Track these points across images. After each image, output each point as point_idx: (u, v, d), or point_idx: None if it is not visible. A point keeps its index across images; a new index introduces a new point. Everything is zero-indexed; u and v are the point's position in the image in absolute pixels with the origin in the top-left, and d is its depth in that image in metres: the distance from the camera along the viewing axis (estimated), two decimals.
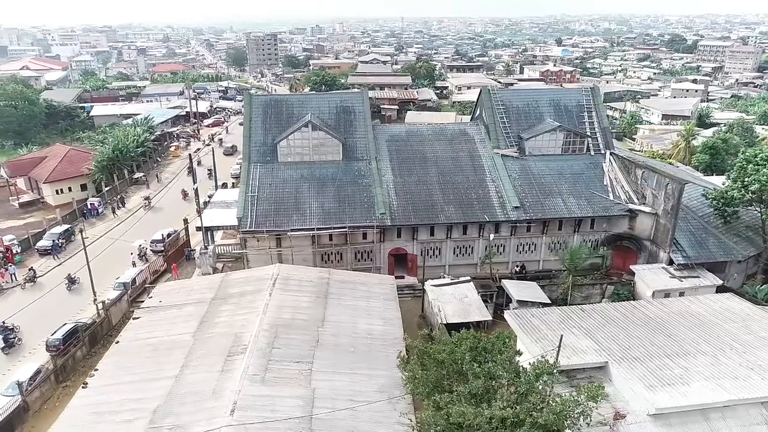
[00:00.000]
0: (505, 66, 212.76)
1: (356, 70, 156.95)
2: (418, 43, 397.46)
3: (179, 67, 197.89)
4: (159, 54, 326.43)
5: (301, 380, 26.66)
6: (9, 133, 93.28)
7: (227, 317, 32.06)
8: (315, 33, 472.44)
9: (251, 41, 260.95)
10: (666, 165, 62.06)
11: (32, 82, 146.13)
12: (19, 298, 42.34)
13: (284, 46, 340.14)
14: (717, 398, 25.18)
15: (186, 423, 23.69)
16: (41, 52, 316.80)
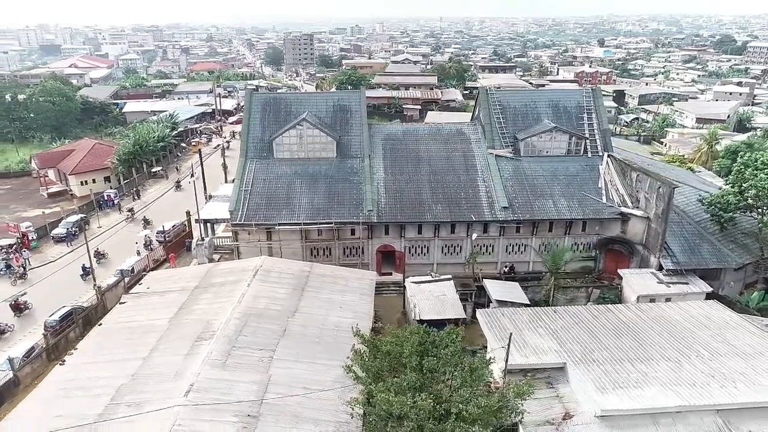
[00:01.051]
0: (539, 67, 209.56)
1: (385, 70, 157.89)
2: (457, 43, 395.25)
3: (216, 66, 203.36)
4: (201, 53, 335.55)
5: (260, 367, 27.71)
6: (47, 127, 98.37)
7: (205, 305, 33.49)
8: (354, 33, 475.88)
9: (288, 41, 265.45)
10: (677, 169, 60.55)
11: (76, 80, 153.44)
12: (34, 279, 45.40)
13: (322, 46, 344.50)
14: (668, 403, 24.96)
15: (143, 401, 25.09)
16: (92, 51, 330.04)
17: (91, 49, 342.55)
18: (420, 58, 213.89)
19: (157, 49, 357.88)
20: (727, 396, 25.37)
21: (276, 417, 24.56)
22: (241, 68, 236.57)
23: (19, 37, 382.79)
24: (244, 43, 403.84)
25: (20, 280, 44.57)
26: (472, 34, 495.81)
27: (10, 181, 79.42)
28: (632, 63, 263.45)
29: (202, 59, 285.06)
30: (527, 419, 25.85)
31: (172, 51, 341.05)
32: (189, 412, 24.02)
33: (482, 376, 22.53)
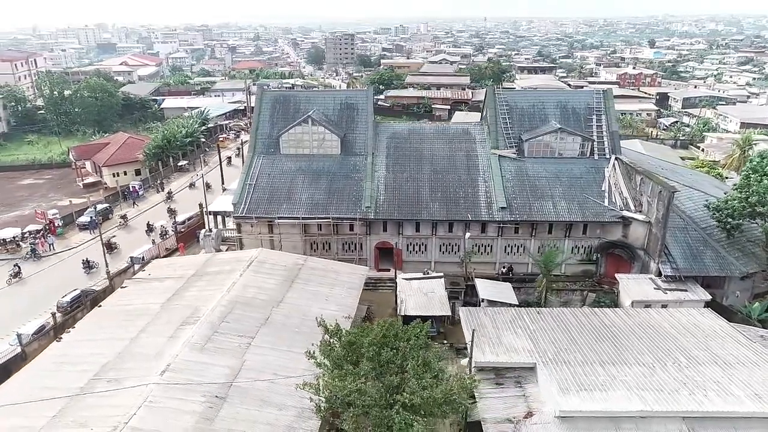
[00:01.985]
0: (579, 68, 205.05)
1: (420, 70, 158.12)
2: (502, 43, 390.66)
3: (257, 65, 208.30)
4: (247, 52, 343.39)
5: (237, 352, 28.94)
6: (89, 121, 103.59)
7: (197, 292, 35.07)
8: (398, 33, 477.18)
9: (329, 41, 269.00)
10: (699, 174, 58.67)
11: (123, 77, 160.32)
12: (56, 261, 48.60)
13: (365, 46, 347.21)
14: (629, 408, 24.71)
15: (123, 377, 26.72)
16: (144, 49, 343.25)
17: (143, 47, 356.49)
18: (458, 59, 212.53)
19: (205, 48, 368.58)
20: (695, 404, 24.88)
21: (242, 399, 25.71)
22: (284, 67, 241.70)
23: (79, 35, 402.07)
24: (289, 43, 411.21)
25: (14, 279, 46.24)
26: (518, 35, 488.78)
27: (52, 171, 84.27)
28: (683, 65, 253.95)
29: (247, 58, 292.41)
30: (489, 416, 26.22)
31: (220, 50, 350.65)
32: (161, 390, 25.47)
33: (433, 369, 22.90)
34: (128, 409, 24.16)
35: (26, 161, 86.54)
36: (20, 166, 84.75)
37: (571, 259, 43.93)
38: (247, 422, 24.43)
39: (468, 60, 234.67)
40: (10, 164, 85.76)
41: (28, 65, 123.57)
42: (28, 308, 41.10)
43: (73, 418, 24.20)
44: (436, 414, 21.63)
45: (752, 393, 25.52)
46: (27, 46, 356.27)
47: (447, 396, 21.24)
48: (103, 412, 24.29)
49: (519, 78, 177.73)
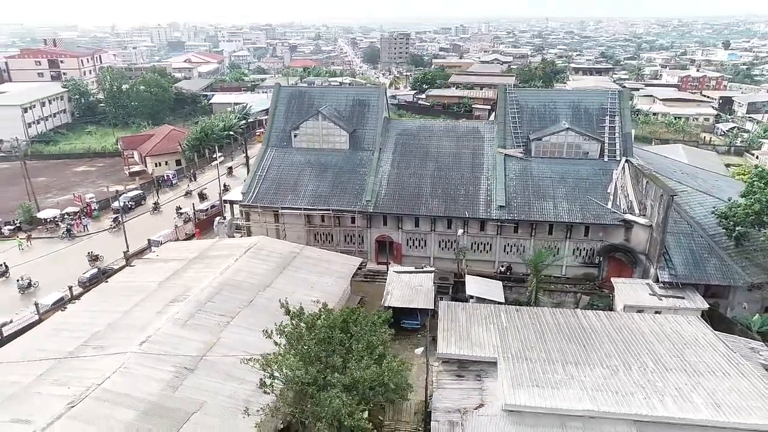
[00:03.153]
0: (637, 70, 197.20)
1: (468, 70, 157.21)
2: (565, 44, 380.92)
3: (311, 63, 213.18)
4: (307, 51, 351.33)
5: (215, 329, 30.82)
6: (144, 114, 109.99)
7: (194, 273, 37.33)
8: (458, 33, 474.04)
9: (384, 40, 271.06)
10: (729, 180, 55.92)
11: (184, 73, 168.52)
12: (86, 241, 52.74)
13: (422, 46, 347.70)
14: (577, 407, 24.61)
15: (108, 345, 29.18)
16: (210, 48, 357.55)
17: (210, 45, 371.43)
18: (511, 59, 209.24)
19: (267, 47, 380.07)
20: (647, 408, 24.47)
21: (208, 372, 27.52)
22: (339, 66, 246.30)
23: (152, 34, 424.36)
24: (348, 42, 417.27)
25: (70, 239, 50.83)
26: (583, 35, 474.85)
27: (104, 160, 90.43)
28: (759, 68, 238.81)
29: (307, 56, 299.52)
30: (440, 405, 26.75)
31: (281, 48, 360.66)
32: (137, 359, 27.70)
33: (374, 353, 23.75)
34: (104, 373, 26.50)
35: (82, 150, 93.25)
36: (77, 154, 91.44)
37: (570, 260, 43.34)
38: (209, 393, 26.16)
39: (524, 60, 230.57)
40: (68, 152, 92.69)
41: (93, 61, 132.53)
42: (56, 281, 44.91)
43: (56, 377, 26.74)
44: (369, 397, 22.47)
45: (713, 402, 24.79)
46: (105, 43, 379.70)
47: (378, 377, 22.04)
48: (82, 374, 26.71)
49: (572, 79, 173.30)
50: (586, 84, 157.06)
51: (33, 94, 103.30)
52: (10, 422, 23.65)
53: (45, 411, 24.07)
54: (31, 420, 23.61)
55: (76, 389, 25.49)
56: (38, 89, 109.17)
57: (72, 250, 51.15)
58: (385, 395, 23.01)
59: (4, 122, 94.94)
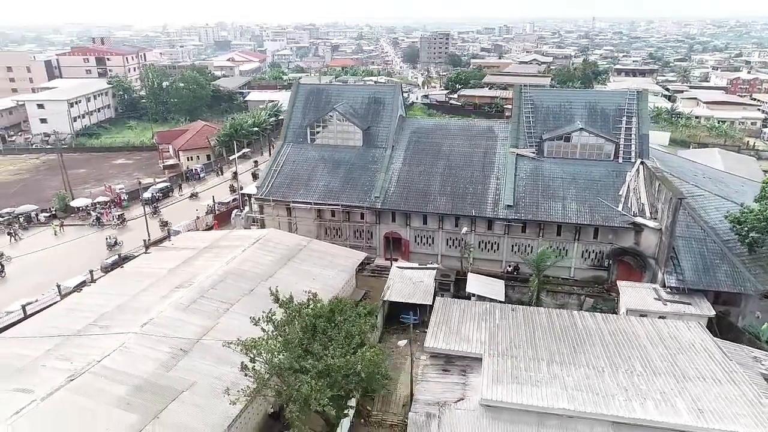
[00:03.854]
0: (683, 71, 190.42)
1: (504, 71, 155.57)
2: (612, 44, 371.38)
3: (350, 62, 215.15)
4: (348, 50, 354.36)
5: (214, 315, 32.11)
6: (182, 110, 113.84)
7: (203, 261, 38.85)
8: (502, 33, 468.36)
9: (424, 40, 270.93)
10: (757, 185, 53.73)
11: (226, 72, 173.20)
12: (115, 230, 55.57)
13: (464, 46, 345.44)
14: (553, 405, 24.63)
15: (112, 325, 30.86)
16: (255, 47, 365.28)
17: (254, 45, 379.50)
18: (550, 59, 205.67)
19: (310, 46, 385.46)
20: (625, 410, 24.27)
21: (202, 355, 28.75)
22: (379, 65, 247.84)
23: (200, 33, 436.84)
24: (390, 42, 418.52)
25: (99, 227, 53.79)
26: (633, 36, 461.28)
27: (142, 153, 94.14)
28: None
29: (348, 56, 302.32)
30: (422, 397, 27.20)
31: (323, 48, 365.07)
32: (137, 339, 29.24)
33: (353, 342, 24.41)
34: (105, 351, 28.13)
35: (122, 143, 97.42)
36: (116, 148, 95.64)
37: (579, 263, 42.85)
38: (200, 374, 27.39)
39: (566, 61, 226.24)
40: (109, 145, 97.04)
41: (137, 59, 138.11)
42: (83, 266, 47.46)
43: (62, 353, 28.51)
44: (342, 384, 23.13)
45: (696, 407, 24.36)
46: (156, 42, 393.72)
47: (350, 366, 22.67)
48: (86, 351, 28.39)
49: (613, 81, 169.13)
50: (626, 85, 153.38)
51: (79, 89, 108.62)
52: (14, 391, 25.43)
53: (47, 382, 25.78)
54: (33, 390, 25.34)
55: (77, 364, 27.15)
56: (85, 85, 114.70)
57: (100, 237, 53.81)
58: (358, 384, 23.59)
59: (53, 116, 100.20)
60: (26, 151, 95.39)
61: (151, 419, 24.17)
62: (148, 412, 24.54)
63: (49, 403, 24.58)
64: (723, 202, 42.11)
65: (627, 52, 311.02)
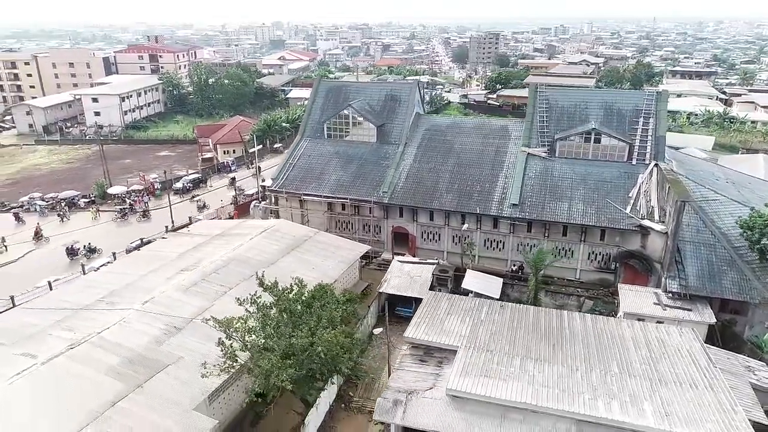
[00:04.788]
0: (743, 74, 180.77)
1: (549, 71, 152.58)
2: (676, 45, 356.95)
3: (396, 62, 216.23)
4: (399, 50, 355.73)
5: (211, 297, 33.84)
6: (226, 106, 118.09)
7: (212, 248, 40.82)
8: (558, 33, 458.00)
9: (473, 40, 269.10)
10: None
11: (275, 70, 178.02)
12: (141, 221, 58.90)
13: (516, 46, 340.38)
14: (516, 398, 24.91)
15: (117, 302, 33.11)
16: (308, 46, 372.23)
17: (308, 44, 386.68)
18: (602, 60, 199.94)
19: (362, 46, 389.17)
20: (587, 408, 24.25)
21: (193, 333, 30.46)
22: (427, 65, 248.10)
23: (256, 33, 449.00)
24: (441, 42, 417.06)
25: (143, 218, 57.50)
26: (698, 37, 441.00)
27: (184, 146, 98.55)
28: None
29: (398, 56, 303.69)
30: (393, 384, 28.02)
31: (374, 47, 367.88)
32: (137, 315, 31.32)
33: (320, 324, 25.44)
34: (106, 325, 30.30)
35: (166, 136, 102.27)
36: (161, 140, 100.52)
37: (585, 264, 42.29)
38: (188, 350, 29.08)
39: (622, 62, 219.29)
40: (155, 138, 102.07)
41: (188, 56, 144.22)
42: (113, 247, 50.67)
43: (68, 324, 30.89)
44: (305, 363, 24.17)
45: (663, 411, 24.04)
46: (214, 41, 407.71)
47: (310, 346, 23.70)
48: (89, 324, 30.66)
49: (665, 83, 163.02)
50: (680, 88, 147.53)
51: (131, 85, 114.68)
52: (20, 355, 27.87)
53: (50, 349, 28.10)
54: (36, 355, 27.69)
55: (79, 335, 29.42)
56: (137, 81, 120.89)
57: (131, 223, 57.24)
58: (319, 364, 24.56)
59: (105, 109, 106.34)
60: (80, 141, 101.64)
61: (135, 388, 25.99)
62: (134, 382, 26.38)
63: (47, 367, 26.82)
64: (739, 207, 40.48)
65: (689, 54, 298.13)
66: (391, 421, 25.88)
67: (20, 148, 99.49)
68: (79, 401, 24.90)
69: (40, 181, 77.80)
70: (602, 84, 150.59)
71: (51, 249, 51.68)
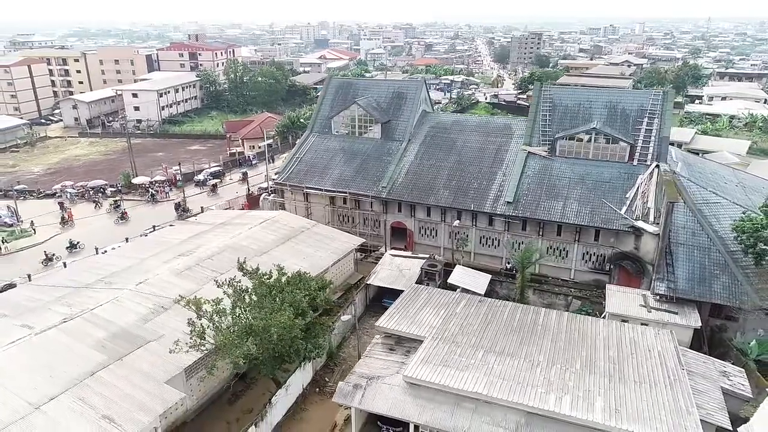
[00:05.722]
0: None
1: (587, 72, 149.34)
2: (734, 46, 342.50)
3: (434, 61, 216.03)
4: (441, 50, 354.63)
5: (201, 281, 35.58)
6: (260, 102, 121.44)
7: (212, 236, 42.71)
8: (607, 33, 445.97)
9: (514, 40, 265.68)
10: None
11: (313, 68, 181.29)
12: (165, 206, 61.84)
13: (561, 46, 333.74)
14: (467, 388, 25.42)
15: (114, 282, 35.28)
16: (351, 45, 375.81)
17: (351, 43, 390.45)
18: (644, 61, 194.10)
19: (405, 45, 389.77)
20: (536, 401, 24.53)
21: (177, 313, 31.92)
22: (467, 64, 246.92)
23: (302, 32, 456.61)
24: (485, 42, 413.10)
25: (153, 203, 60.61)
26: (758, 38, 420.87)
27: (215, 141, 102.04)
28: None
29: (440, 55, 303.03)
30: (358, 370, 28.98)
31: (417, 47, 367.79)
32: (129, 295, 33.36)
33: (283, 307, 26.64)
34: (100, 302, 32.43)
35: (199, 131, 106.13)
36: (194, 135, 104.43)
37: (580, 265, 42.01)
38: (170, 329, 30.77)
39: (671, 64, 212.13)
40: (188, 133, 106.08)
41: (226, 54, 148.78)
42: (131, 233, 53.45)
43: (67, 301, 33.18)
44: (262, 343, 25.41)
45: (613, 408, 24.03)
46: (261, 40, 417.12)
47: (265, 327, 24.93)
48: (85, 301, 32.86)
49: (711, 85, 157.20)
50: (725, 91, 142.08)
51: (169, 81, 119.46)
52: (19, 326, 30.22)
53: (45, 322, 30.37)
54: (33, 327, 29.98)
55: (74, 310, 31.62)
56: (175, 77, 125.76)
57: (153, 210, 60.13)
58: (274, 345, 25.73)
59: (144, 105, 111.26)
60: (120, 135, 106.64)
61: (115, 360, 27.87)
62: (116, 355, 28.28)
63: (40, 337, 29.05)
64: (740, 211, 39.30)
65: (746, 55, 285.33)
66: (350, 404, 26.82)
67: (65, 139, 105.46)
68: (63, 369, 26.92)
69: (77, 171, 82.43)
70: (642, 86, 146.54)
71: (75, 233, 54.96)
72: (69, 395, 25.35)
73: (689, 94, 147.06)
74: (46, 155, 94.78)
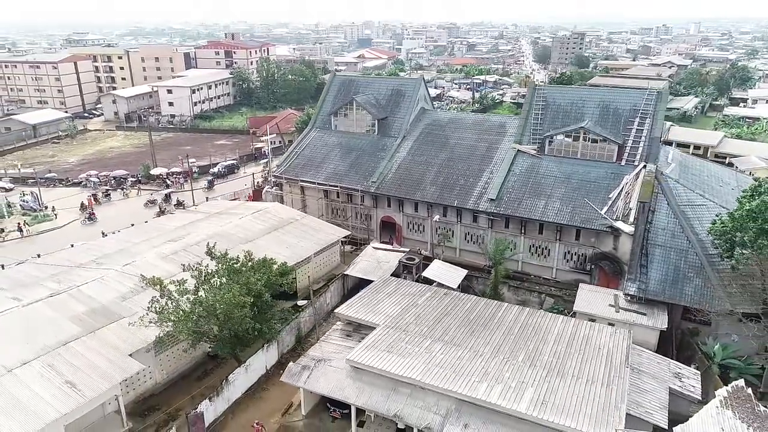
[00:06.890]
0: None
1: (623, 72, 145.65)
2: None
3: (470, 61, 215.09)
4: (484, 50, 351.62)
5: (184, 264, 37.53)
6: (289, 100, 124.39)
7: (205, 224, 44.79)
8: (659, 33, 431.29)
9: (556, 40, 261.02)
10: None
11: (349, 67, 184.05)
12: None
13: (608, 47, 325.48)
14: (403, 374, 26.25)
15: (104, 263, 37.74)
16: (393, 45, 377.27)
17: (393, 42, 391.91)
18: (689, 63, 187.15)
19: (448, 45, 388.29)
20: (465, 389, 25.16)
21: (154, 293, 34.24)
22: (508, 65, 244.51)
23: (345, 32, 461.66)
24: (530, 42, 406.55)
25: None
26: None
27: (243, 136, 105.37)
28: None
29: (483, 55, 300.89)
30: (311, 353, 30.33)
31: (460, 47, 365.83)
32: (114, 275, 35.70)
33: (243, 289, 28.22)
34: (86, 280, 34.87)
35: (227, 127, 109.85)
36: (222, 130, 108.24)
37: (561, 264, 41.88)
38: (145, 307, 32.80)
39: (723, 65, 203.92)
40: (217, 128, 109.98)
41: (260, 52, 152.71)
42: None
43: (58, 277, 35.78)
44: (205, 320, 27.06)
45: (541, 400, 24.45)
46: (305, 39, 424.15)
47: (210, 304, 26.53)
48: (73, 278, 35.38)
49: (758, 87, 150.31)
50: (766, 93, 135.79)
51: (203, 78, 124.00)
52: (11, 299, 32.89)
53: (33, 295, 32.98)
54: (22, 300, 32.62)
55: (62, 286, 34.15)
56: (209, 75, 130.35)
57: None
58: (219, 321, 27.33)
59: (178, 100, 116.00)
60: (154, 129, 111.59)
61: (88, 333, 30.10)
62: (90, 328, 30.52)
63: (26, 309, 31.57)
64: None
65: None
66: (295, 383, 28.13)
67: (102, 132, 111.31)
68: (41, 338, 29.26)
69: (108, 162, 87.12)
70: (681, 87, 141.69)
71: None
72: (40, 361, 27.60)
73: (733, 97, 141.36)
74: (83, 147, 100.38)
